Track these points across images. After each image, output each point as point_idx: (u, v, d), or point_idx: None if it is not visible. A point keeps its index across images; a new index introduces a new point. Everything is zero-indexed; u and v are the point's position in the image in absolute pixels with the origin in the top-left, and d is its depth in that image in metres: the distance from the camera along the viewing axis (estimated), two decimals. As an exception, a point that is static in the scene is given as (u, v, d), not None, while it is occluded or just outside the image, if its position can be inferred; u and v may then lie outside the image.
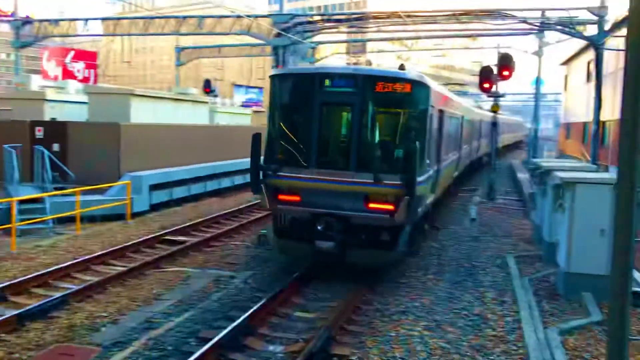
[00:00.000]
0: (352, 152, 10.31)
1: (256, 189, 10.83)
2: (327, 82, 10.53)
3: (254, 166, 10.73)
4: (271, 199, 10.74)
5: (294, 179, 10.58)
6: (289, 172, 10.62)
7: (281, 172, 10.64)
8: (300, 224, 10.82)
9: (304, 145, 10.69)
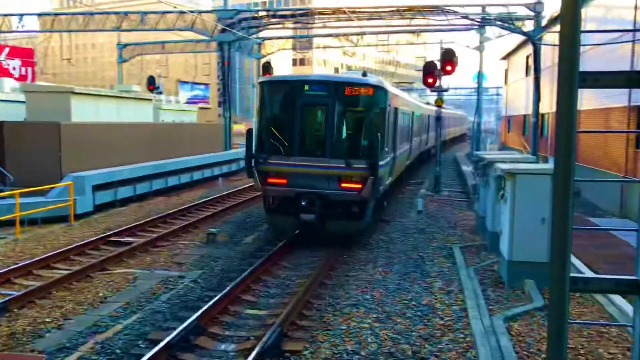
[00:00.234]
0: (327, 142, 12.99)
1: (250, 173, 13.31)
2: (306, 87, 13.23)
3: (248, 155, 13.26)
4: (262, 182, 13.13)
5: (281, 165, 13.08)
6: (276, 160, 13.12)
7: (270, 160, 13.12)
8: (286, 201, 13.20)
9: (289, 138, 13.21)
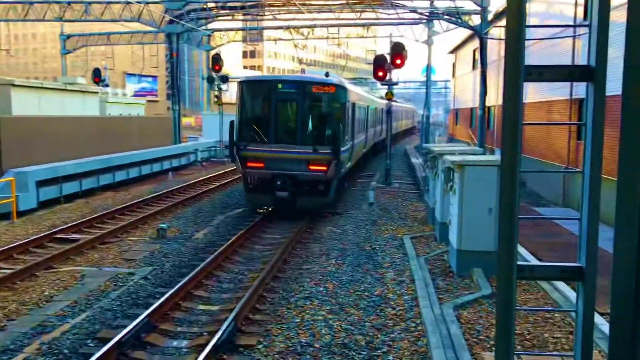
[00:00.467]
0: (297, 132, 15.75)
1: (233, 158, 15.95)
2: (279, 86, 15.93)
3: (231, 142, 15.84)
4: (243, 165, 15.63)
5: (259, 151, 15.59)
6: (254, 147, 15.62)
7: (249, 147, 15.61)
8: (264, 182, 15.75)
9: (265, 128, 15.80)
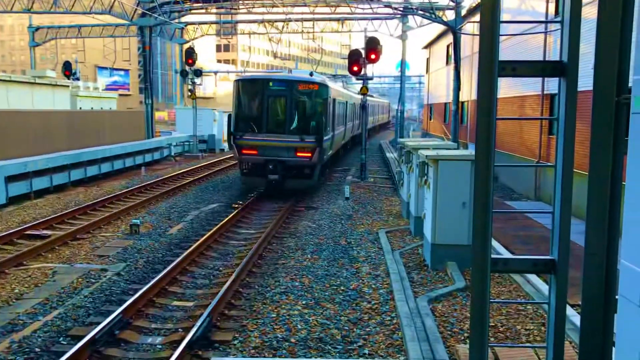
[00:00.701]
0: (286, 123, 18.29)
1: (230, 146, 19.10)
2: (271, 84, 18.46)
3: (228, 133, 18.50)
4: (239, 152, 18.26)
5: (253, 140, 18.10)
6: (249, 136, 18.13)
7: (245, 137, 18.12)
8: (257, 166, 18.32)
9: (258, 120, 18.32)
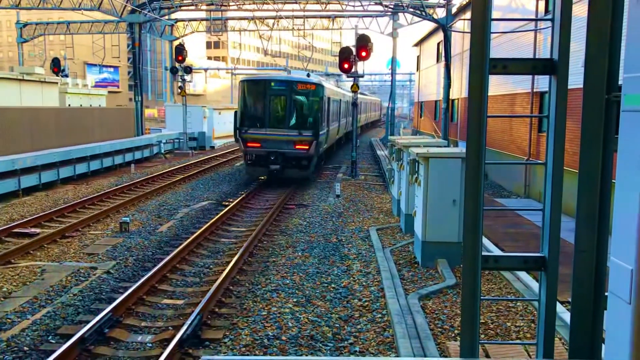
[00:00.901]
0: (286, 119, 20.47)
1: (236, 140, 20.89)
2: (273, 84, 20.67)
3: (235, 128, 20.70)
4: (244, 145, 20.46)
5: (257, 134, 20.27)
6: (253, 131, 20.33)
7: (249, 131, 20.34)
8: (260, 157, 20.39)
9: (261, 116, 20.55)
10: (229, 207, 15.90)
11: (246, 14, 39.70)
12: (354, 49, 22.22)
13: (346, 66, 22.06)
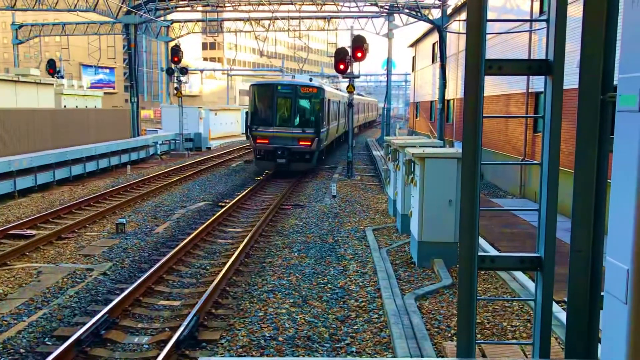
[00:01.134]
0: (291, 118, 22.94)
1: (247, 137, 23.90)
2: (279, 87, 23.28)
3: (246, 126, 23.55)
4: (254, 141, 22.89)
5: (265, 132, 22.67)
6: (262, 129, 22.72)
7: (259, 129, 22.75)
8: (268, 153, 22.74)
9: (269, 116, 22.98)
10: (225, 207, 15.89)
11: (242, 15, 39.70)
12: (349, 50, 22.24)
13: (342, 67, 22.08)
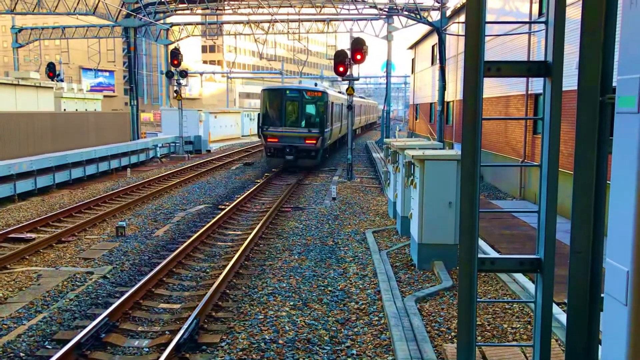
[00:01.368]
0: (299, 119, 25.41)
1: (259, 136, 26.10)
2: (287, 92, 25.81)
3: (258, 126, 25.76)
4: (265, 140, 25.35)
5: (275, 131, 25.14)
6: (273, 129, 25.19)
7: (269, 129, 25.21)
8: (278, 150, 25.31)
9: (279, 117, 25.47)
10: (225, 210, 15.89)
11: (241, 18, 39.73)
12: (349, 52, 22.25)
13: (341, 69, 22.08)
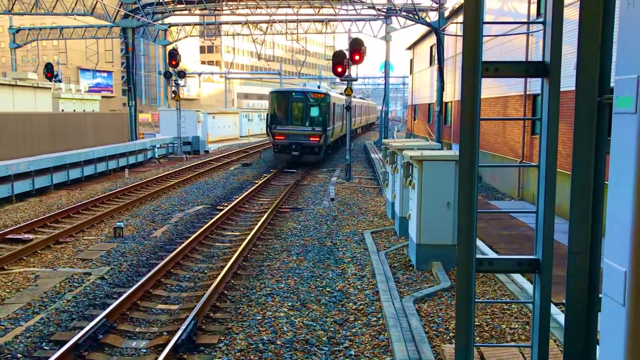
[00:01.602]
0: (303, 119, 27.83)
1: (268, 134, 28.69)
2: (293, 94, 28.59)
3: (266, 125, 28.24)
4: (273, 137, 27.62)
5: (282, 130, 27.42)
6: (280, 127, 27.49)
7: (277, 127, 27.51)
8: (285, 147, 27.43)
9: (286, 117, 27.81)
10: (223, 211, 15.87)
11: (240, 19, 39.74)
12: (347, 53, 22.25)
13: (340, 70, 22.08)
